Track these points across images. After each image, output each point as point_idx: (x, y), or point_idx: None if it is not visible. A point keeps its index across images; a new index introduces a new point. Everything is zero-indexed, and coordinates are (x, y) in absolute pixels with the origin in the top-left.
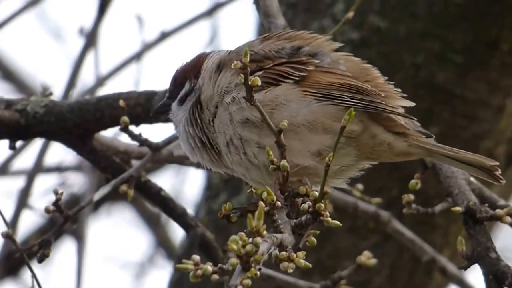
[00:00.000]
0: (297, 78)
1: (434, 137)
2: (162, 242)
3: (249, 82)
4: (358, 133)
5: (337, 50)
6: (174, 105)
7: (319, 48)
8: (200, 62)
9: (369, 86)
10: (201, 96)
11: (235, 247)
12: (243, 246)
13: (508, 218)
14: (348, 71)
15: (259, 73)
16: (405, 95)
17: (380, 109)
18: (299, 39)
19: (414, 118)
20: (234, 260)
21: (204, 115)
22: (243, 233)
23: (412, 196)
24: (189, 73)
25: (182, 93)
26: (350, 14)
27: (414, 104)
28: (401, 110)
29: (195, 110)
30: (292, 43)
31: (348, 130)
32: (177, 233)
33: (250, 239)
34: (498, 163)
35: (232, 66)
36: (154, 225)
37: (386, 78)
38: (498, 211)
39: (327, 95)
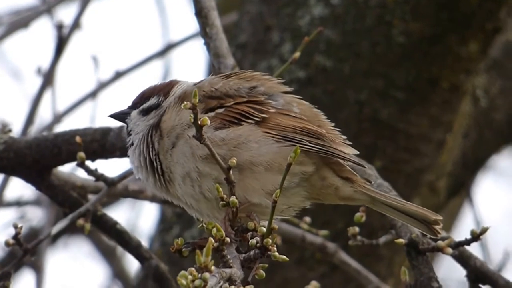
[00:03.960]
0: (258, 119)
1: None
2: (118, 274)
3: (199, 122)
4: (310, 174)
5: (287, 92)
6: (135, 112)
7: (272, 90)
8: (171, 85)
9: (324, 131)
10: (162, 124)
11: (184, 282)
12: (192, 281)
13: (449, 249)
14: (301, 114)
15: (220, 110)
16: (349, 142)
17: (336, 155)
18: (256, 80)
19: (365, 166)
20: None
21: (164, 142)
22: (192, 268)
23: (357, 229)
24: (158, 91)
25: (147, 104)
26: (297, 54)
27: (358, 152)
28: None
29: (154, 133)
30: (250, 83)
31: (302, 171)
32: (132, 265)
33: (200, 274)
34: (441, 217)
35: (182, 107)
36: (110, 257)
37: (334, 124)
38: (440, 242)
39: (286, 138)
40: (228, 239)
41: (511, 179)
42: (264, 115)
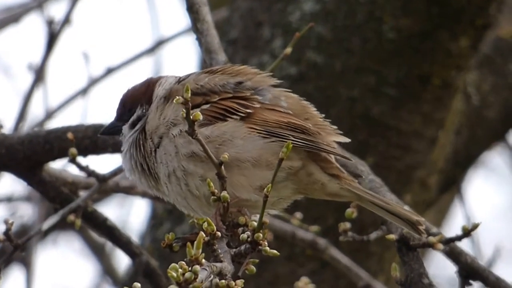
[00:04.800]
0: (243, 115)
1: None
2: (108, 270)
3: (191, 117)
4: (296, 169)
5: (276, 86)
6: (126, 128)
7: (260, 84)
8: (150, 88)
9: (310, 125)
10: (146, 125)
11: (174, 274)
12: (183, 274)
13: (440, 245)
14: (289, 108)
15: (206, 106)
16: (340, 132)
17: (322, 149)
18: (242, 74)
19: (351, 159)
20: (173, 287)
21: (147, 144)
22: (183, 262)
23: (348, 224)
24: (139, 99)
25: (134, 117)
26: (288, 50)
27: (349, 140)
28: (337, 146)
29: (140, 136)
30: (235, 78)
31: (289, 166)
32: (122, 261)
33: (190, 267)
34: (423, 219)
35: (174, 101)
36: (99, 253)
37: (323, 115)
38: (431, 238)
39: (271, 133)
40: (219, 233)
41: (502, 176)
42: (249, 111)
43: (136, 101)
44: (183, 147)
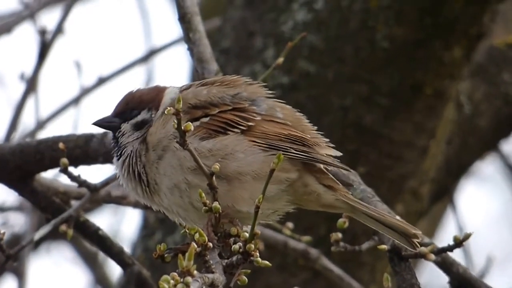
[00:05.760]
0: (244, 128)
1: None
2: (100, 280)
3: (182, 127)
4: (293, 180)
5: (269, 97)
6: (128, 126)
7: (255, 94)
8: (160, 95)
9: (309, 136)
10: (148, 137)
11: (166, 286)
12: (174, 286)
13: (432, 256)
14: (285, 118)
15: (205, 119)
16: (332, 145)
17: (321, 161)
18: (238, 86)
19: (351, 170)
20: None
21: (149, 155)
22: (175, 273)
23: (340, 235)
24: (147, 103)
25: (138, 119)
26: (280, 60)
27: (341, 154)
28: (329, 159)
29: (142, 146)
30: (233, 90)
31: (286, 178)
32: (114, 270)
33: (182, 279)
34: (420, 232)
35: (165, 112)
36: (92, 263)
37: (316, 127)
38: (423, 248)
39: (272, 146)
40: (210, 244)
41: (494, 185)
42: (250, 123)
43: (143, 104)
44: (188, 161)
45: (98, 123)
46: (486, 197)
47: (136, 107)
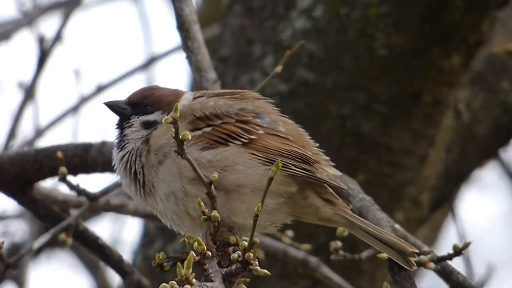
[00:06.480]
0: (245, 141)
1: None
2: (102, 286)
3: (180, 136)
4: (293, 193)
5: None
6: (138, 121)
7: (260, 108)
8: (176, 100)
9: (310, 153)
10: (151, 139)
11: None
12: None
13: (431, 264)
14: (287, 133)
15: (208, 129)
16: (333, 164)
17: (321, 180)
18: (246, 99)
19: (349, 191)
20: None
21: (150, 158)
22: (174, 282)
23: (339, 243)
24: (164, 105)
25: (151, 117)
26: (279, 68)
27: (341, 173)
28: (328, 178)
29: (144, 147)
30: (239, 104)
31: (286, 191)
32: (116, 277)
33: (180, 287)
34: (417, 251)
35: (163, 121)
36: (93, 269)
37: (318, 145)
38: (422, 257)
39: (272, 160)
40: (209, 253)
41: (494, 193)
42: (252, 136)
43: (160, 104)
44: (187, 170)
45: (109, 105)
46: (486, 205)
47: (152, 105)
